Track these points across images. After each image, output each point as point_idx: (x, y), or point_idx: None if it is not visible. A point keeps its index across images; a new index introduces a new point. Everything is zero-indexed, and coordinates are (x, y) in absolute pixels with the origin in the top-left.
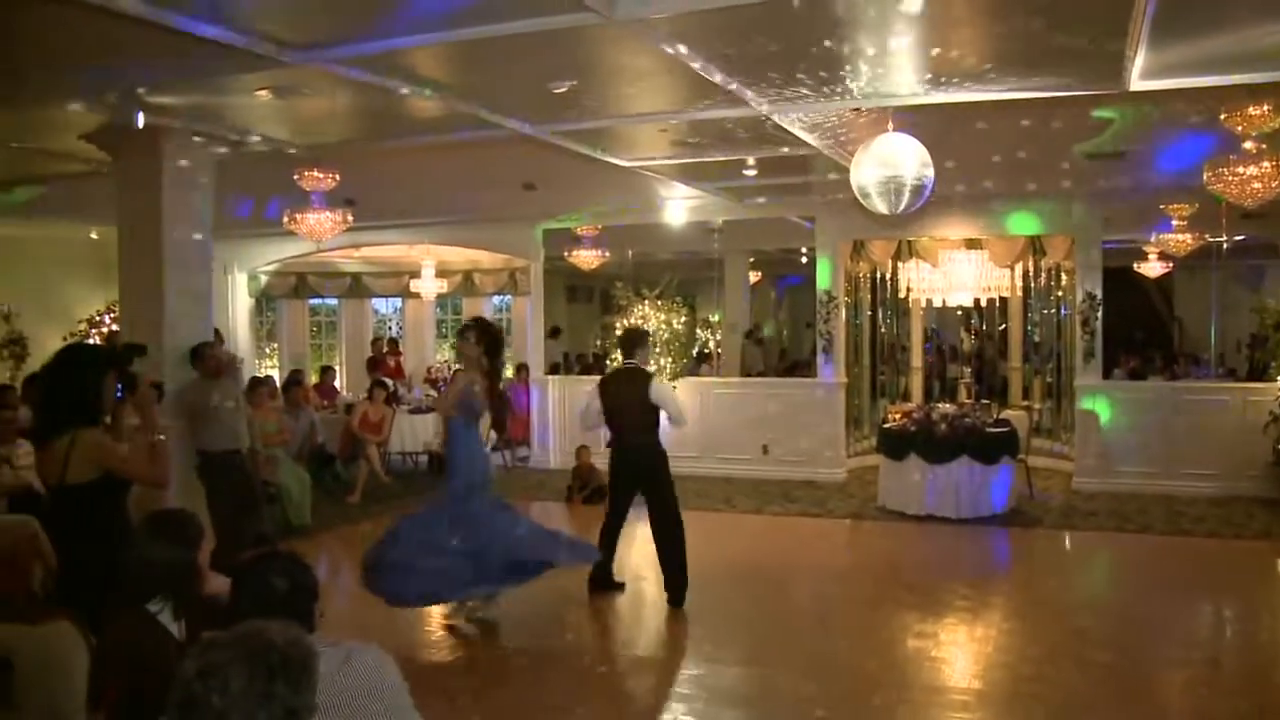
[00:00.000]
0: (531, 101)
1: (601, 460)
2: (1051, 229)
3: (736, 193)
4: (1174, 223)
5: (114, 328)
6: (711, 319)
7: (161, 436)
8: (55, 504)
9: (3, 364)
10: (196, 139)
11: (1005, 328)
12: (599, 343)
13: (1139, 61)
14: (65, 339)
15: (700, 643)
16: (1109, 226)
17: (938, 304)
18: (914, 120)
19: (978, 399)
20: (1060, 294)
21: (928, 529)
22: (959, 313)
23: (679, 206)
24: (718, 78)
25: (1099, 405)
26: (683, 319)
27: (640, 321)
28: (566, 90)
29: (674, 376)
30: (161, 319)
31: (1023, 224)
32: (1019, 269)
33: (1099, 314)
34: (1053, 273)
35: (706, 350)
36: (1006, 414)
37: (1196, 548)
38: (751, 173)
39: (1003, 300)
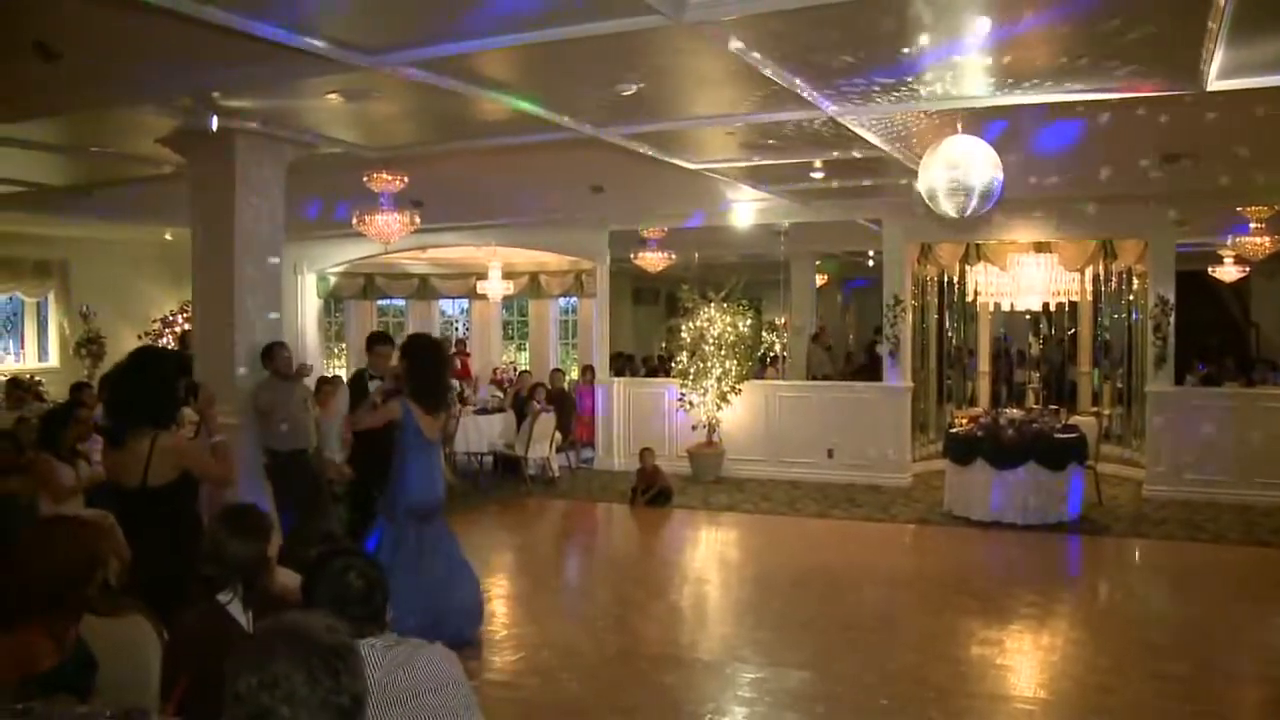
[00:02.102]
0: (599, 104)
1: (666, 463)
2: (1123, 232)
3: (803, 195)
4: (1251, 225)
5: (187, 327)
6: (777, 322)
7: (222, 437)
8: (135, 503)
9: (81, 362)
10: (268, 142)
11: (1074, 332)
12: (664, 345)
13: (1217, 60)
14: (140, 338)
15: (763, 646)
16: (1183, 229)
17: (1006, 308)
18: (983, 121)
19: (1046, 404)
20: (1131, 298)
21: (993, 535)
22: (1027, 317)
23: (745, 209)
24: (785, 80)
25: (1171, 411)
26: (748, 322)
27: (706, 324)
28: (634, 92)
29: (739, 380)
30: (232, 319)
31: (1094, 227)
32: (1089, 272)
33: (1171, 319)
34: (1124, 276)
35: (772, 353)
36: (1075, 419)
37: (1274, 559)
38: (818, 175)
39: (1072, 304)
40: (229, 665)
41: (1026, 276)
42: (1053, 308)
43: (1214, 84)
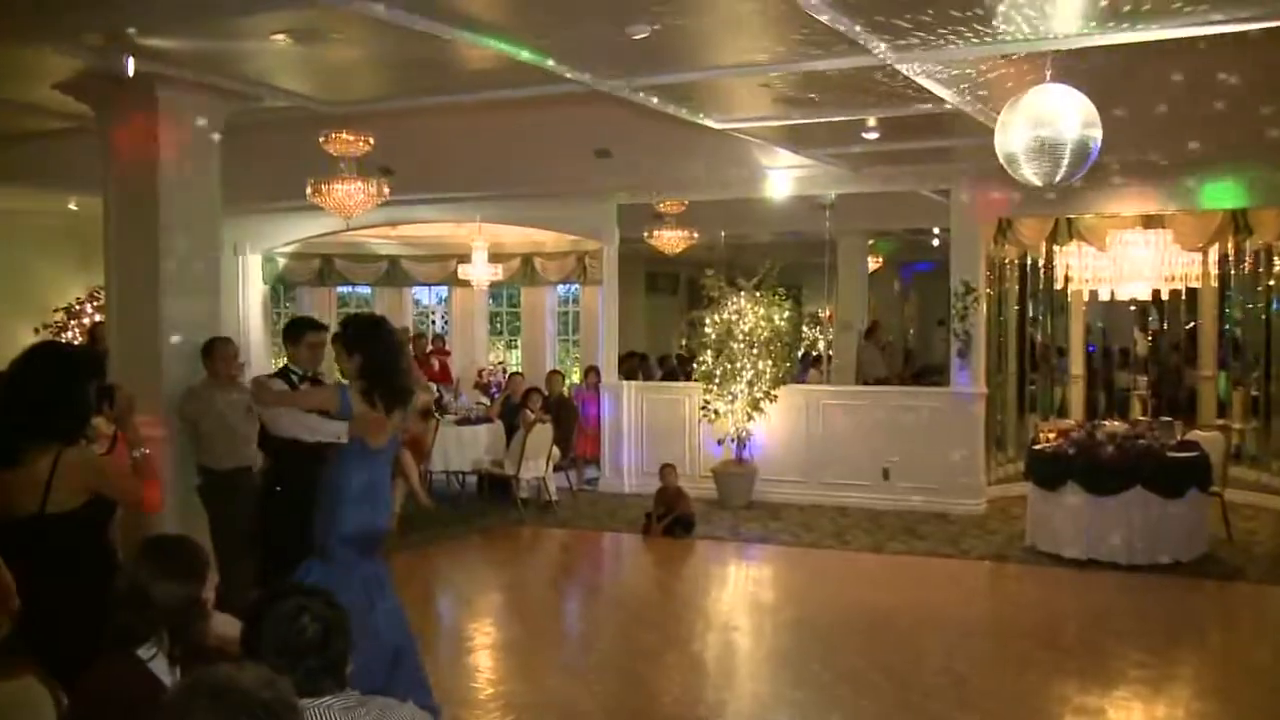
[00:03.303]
0: (606, 50)
1: (686, 485)
2: (1259, 201)
3: (853, 160)
4: None
5: (98, 318)
6: (821, 314)
7: (146, 451)
8: (28, 535)
9: None
10: (199, 92)
11: (1194, 326)
12: (684, 342)
13: None
14: (37, 332)
15: (802, 708)
16: None
17: (1104, 297)
18: (1078, 67)
19: (1156, 415)
20: (1271, 284)
21: (1090, 577)
22: (1132, 308)
23: (782, 178)
24: (830, 18)
25: None
26: (786, 314)
27: (734, 317)
28: (647, 36)
29: (775, 384)
30: (158, 309)
31: (1220, 195)
32: (1214, 252)
33: None
34: (1260, 256)
35: (815, 352)
36: (1195, 435)
37: None
38: (872, 136)
39: (1191, 292)
40: None
41: (1132, 258)
42: (1165, 296)
43: None
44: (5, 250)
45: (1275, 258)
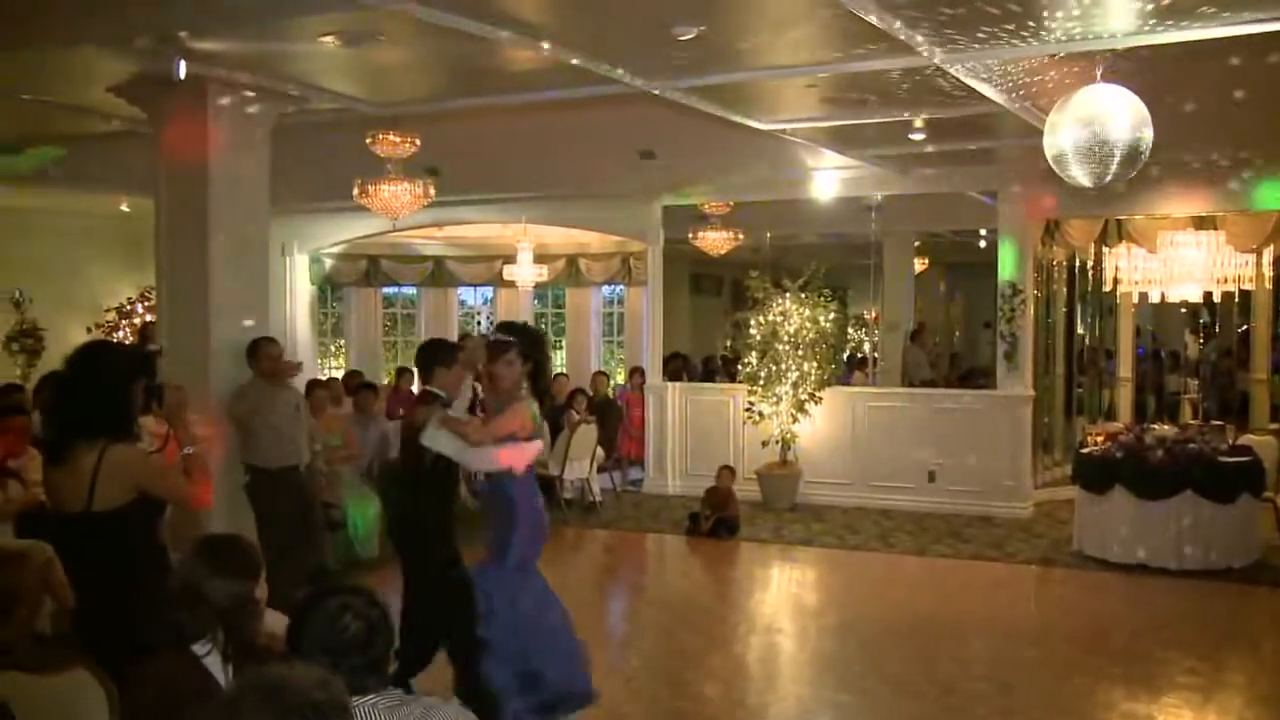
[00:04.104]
0: (652, 51)
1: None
2: None
3: (900, 162)
4: None
5: (149, 318)
6: (866, 316)
7: (196, 449)
8: (79, 532)
9: (13, 360)
10: (250, 94)
11: (1247, 329)
12: (729, 343)
13: None
14: (90, 331)
15: (848, 712)
16: None
17: (1155, 299)
18: (1130, 68)
19: (1208, 419)
20: None
21: (1139, 582)
22: (1183, 310)
23: (829, 179)
24: (879, 18)
25: None
26: (831, 315)
27: (779, 319)
28: (694, 37)
29: (820, 385)
30: (207, 309)
31: (1274, 196)
32: (1268, 254)
33: None
34: None
35: (860, 354)
36: (1248, 439)
37: None
38: (919, 137)
39: (1244, 294)
40: None
41: (1183, 260)
42: (1218, 298)
43: None
44: (58, 251)
45: None
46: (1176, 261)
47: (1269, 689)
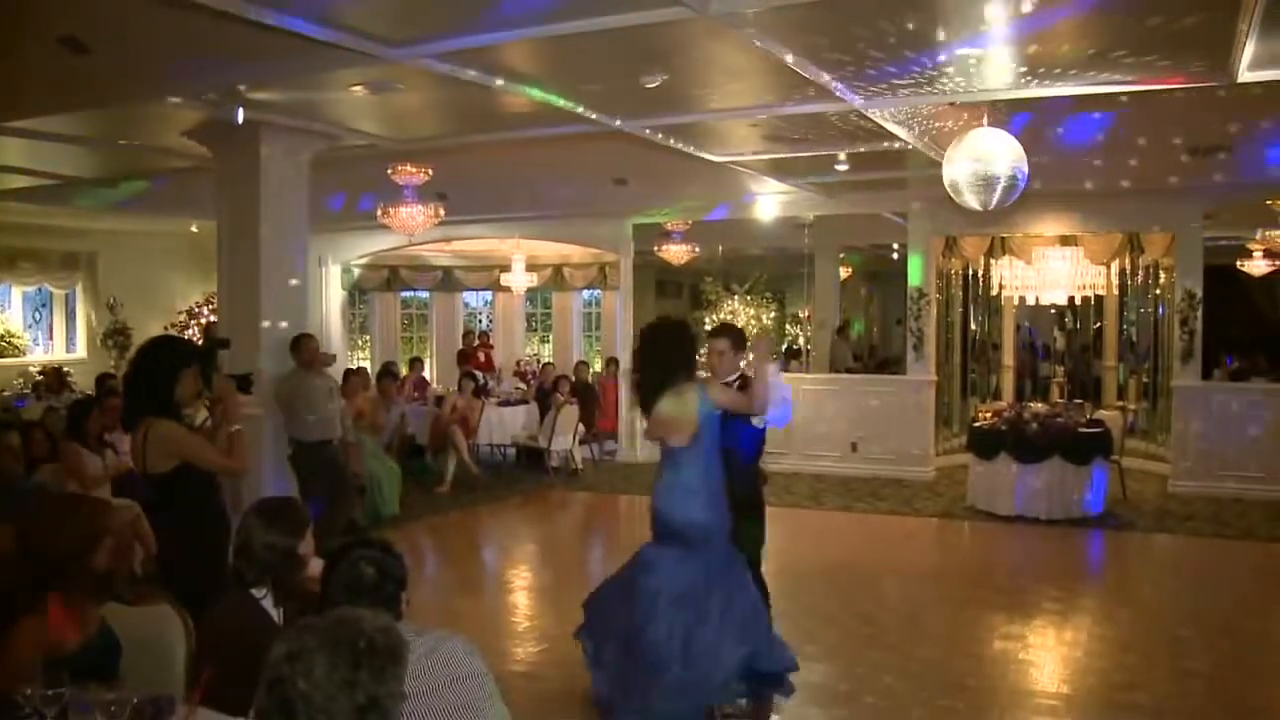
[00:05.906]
0: (623, 96)
1: None
2: (1150, 225)
3: (828, 188)
4: None
5: (212, 319)
6: (801, 314)
7: (238, 427)
8: (148, 491)
9: (108, 353)
10: (293, 134)
11: (1100, 326)
12: None
13: (1249, 51)
14: (166, 329)
15: (786, 640)
16: (1211, 223)
17: (1031, 301)
18: (1009, 114)
19: (1070, 398)
20: (1159, 292)
21: (1017, 529)
22: (1052, 310)
23: (769, 201)
24: (809, 72)
25: (1197, 406)
26: (772, 314)
27: (729, 317)
28: (658, 85)
29: None
30: (258, 310)
31: (1120, 220)
32: (1115, 266)
33: (1199, 313)
34: (1151, 270)
35: (796, 346)
36: (1100, 414)
37: None
38: (843, 168)
39: (1098, 298)
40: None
41: (1052, 270)
42: (1078, 301)
43: (1245, 75)
44: (141, 264)
45: (1162, 272)
46: (1047, 271)
47: (1112, 611)
